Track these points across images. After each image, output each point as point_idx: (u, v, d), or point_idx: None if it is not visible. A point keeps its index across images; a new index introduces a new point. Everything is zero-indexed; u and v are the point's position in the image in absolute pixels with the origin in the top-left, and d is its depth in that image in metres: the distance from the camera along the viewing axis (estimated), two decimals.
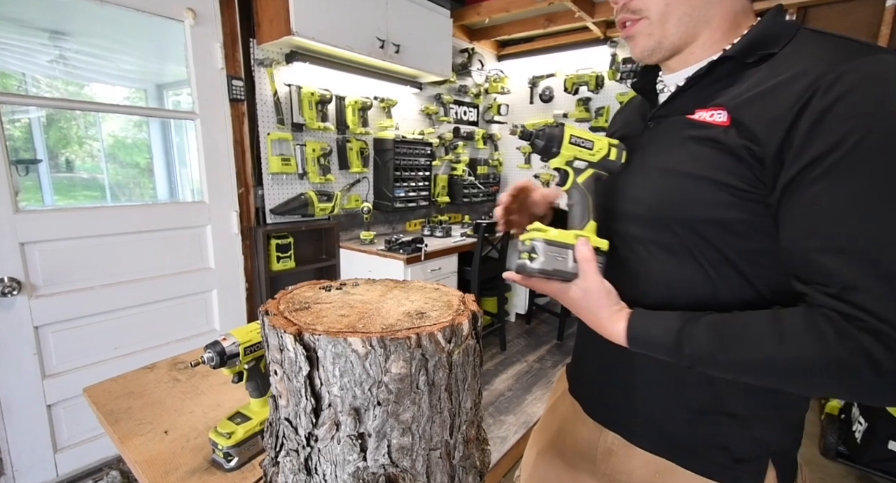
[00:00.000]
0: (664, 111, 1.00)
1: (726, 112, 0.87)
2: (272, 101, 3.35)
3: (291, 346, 0.70)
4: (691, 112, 0.93)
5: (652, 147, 1.00)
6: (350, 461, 0.72)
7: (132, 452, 1.25)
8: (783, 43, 0.86)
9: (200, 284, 3.15)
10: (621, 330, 0.91)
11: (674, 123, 0.97)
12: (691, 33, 0.94)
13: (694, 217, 0.90)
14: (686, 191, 0.90)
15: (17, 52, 3.10)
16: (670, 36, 0.94)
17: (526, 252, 0.95)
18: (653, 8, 0.92)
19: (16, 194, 2.34)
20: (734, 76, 0.90)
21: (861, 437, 2.94)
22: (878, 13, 3.46)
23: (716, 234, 0.89)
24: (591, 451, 1.20)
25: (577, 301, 0.96)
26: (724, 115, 0.87)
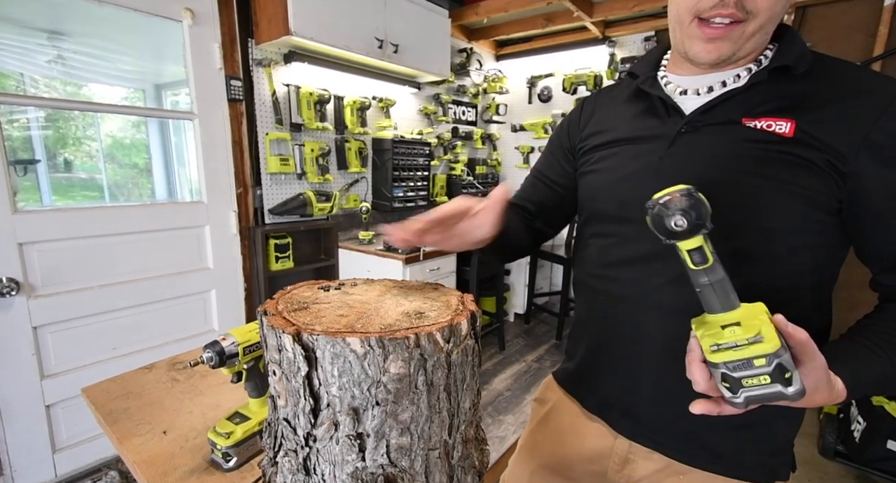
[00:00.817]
0: (703, 118, 0.96)
1: (790, 124, 0.86)
2: (270, 101, 3.35)
3: (290, 346, 0.70)
4: (738, 120, 0.91)
5: (699, 154, 0.95)
6: (349, 461, 0.72)
7: (131, 453, 1.25)
8: (811, 59, 0.90)
9: (199, 284, 3.15)
10: (842, 389, 0.81)
11: (723, 131, 0.93)
12: (762, 46, 0.94)
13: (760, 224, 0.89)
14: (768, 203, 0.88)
15: (15, 52, 3.10)
16: (747, 47, 0.91)
17: (771, 376, 0.69)
18: (763, 13, 0.87)
19: (14, 194, 2.34)
20: (783, 85, 0.90)
21: (860, 436, 2.94)
22: (876, 13, 3.47)
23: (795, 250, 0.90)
24: (602, 460, 1.17)
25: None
26: (787, 126, 0.86)
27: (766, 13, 0.86)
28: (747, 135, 0.90)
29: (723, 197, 0.87)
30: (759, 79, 0.90)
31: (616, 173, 1.09)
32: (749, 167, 0.89)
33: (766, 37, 0.91)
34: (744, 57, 0.93)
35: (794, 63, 0.88)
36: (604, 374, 1.17)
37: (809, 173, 0.84)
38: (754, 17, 0.87)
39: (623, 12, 4.26)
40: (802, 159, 0.85)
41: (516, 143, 5.71)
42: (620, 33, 4.68)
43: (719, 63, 0.94)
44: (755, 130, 0.89)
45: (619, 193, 1.07)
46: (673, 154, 0.98)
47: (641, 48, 4.57)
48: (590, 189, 1.17)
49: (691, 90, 1.00)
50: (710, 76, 0.97)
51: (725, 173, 0.91)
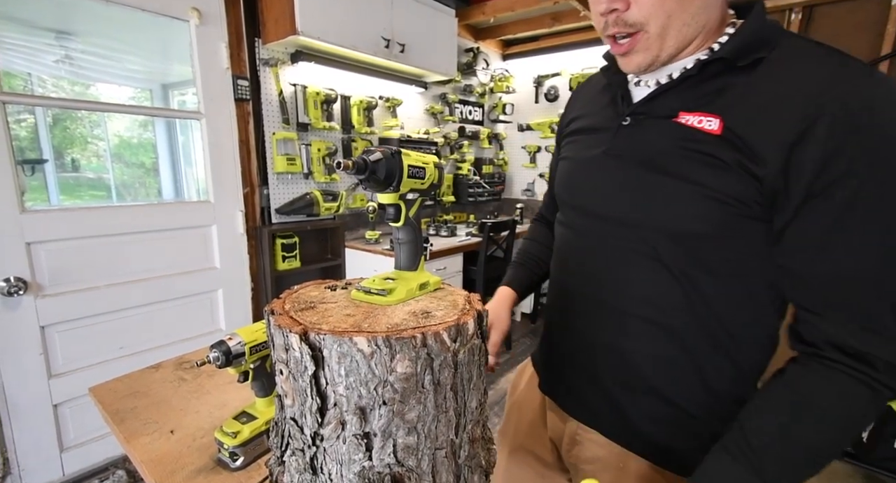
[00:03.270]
0: (644, 109, 0.97)
1: (718, 120, 0.85)
2: (277, 101, 3.35)
3: (297, 345, 0.70)
4: (675, 114, 0.91)
5: (633, 149, 0.97)
6: (356, 460, 0.72)
7: (138, 452, 1.26)
8: (771, 46, 0.84)
9: (206, 284, 3.16)
10: None
11: (657, 126, 0.94)
12: (690, 41, 0.90)
13: (676, 227, 0.90)
14: (672, 201, 0.90)
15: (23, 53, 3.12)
16: (668, 48, 0.90)
17: None
18: (653, 21, 0.86)
19: (22, 194, 2.35)
20: (723, 79, 0.88)
21: (867, 436, 2.92)
22: (885, 11, 3.45)
23: (693, 244, 0.90)
24: (558, 441, 1.23)
25: None
26: (716, 123, 0.85)
27: (659, 15, 0.85)
28: (679, 131, 0.89)
29: (645, 195, 0.93)
30: (691, 73, 0.90)
31: (574, 162, 1.14)
32: (674, 166, 0.89)
33: (690, 29, 0.88)
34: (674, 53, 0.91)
35: (731, 55, 0.85)
36: (555, 356, 1.23)
37: (729, 175, 0.83)
38: (646, 24, 0.86)
39: None
40: (721, 160, 0.84)
41: (523, 142, 5.70)
42: None
43: (647, 70, 0.95)
44: (686, 127, 0.88)
45: (573, 182, 1.13)
46: (614, 147, 1.01)
47: None
48: (558, 176, 1.22)
49: (643, 81, 1.00)
50: (663, 69, 0.96)
51: (651, 171, 0.93)
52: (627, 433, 1.06)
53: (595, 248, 1.05)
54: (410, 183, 0.90)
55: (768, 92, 0.81)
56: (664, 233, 0.92)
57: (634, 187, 0.95)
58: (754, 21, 0.87)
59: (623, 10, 0.86)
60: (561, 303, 1.20)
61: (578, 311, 1.11)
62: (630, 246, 0.97)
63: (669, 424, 1.02)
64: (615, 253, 1.01)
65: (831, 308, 0.80)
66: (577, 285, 1.12)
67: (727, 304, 0.92)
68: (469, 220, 5.24)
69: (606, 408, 1.08)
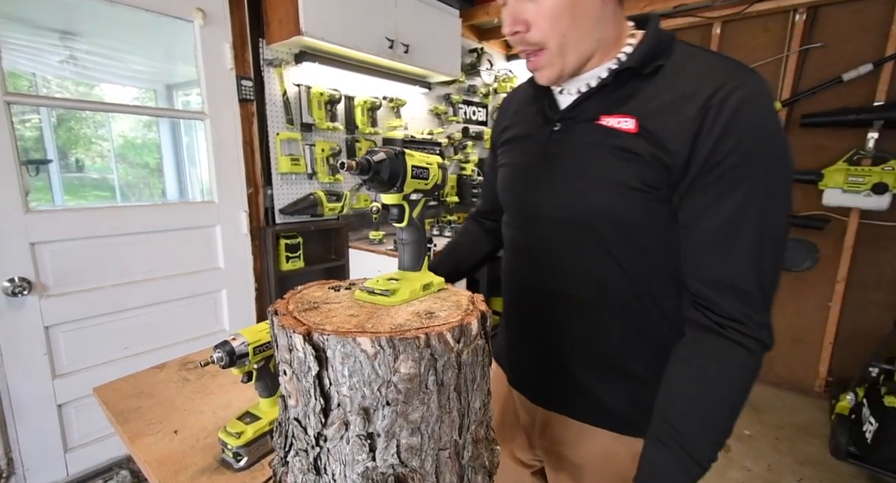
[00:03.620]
0: (571, 114, 1.09)
1: (634, 120, 0.97)
2: (281, 102, 3.35)
3: (301, 346, 0.70)
4: (597, 118, 1.03)
5: (565, 151, 1.09)
6: (359, 461, 0.72)
7: (142, 452, 1.26)
8: (667, 54, 0.98)
9: (210, 284, 3.16)
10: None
11: (584, 129, 1.05)
12: (590, 54, 1.02)
13: (612, 218, 1.02)
14: (610, 196, 1.00)
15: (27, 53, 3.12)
16: (571, 63, 1.02)
17: None
18: (551, 40, 0.98)
19: (26, 194, 2.35)
20: (633, 85, 1.00)
21: (871, 437, 2.92)
22: (889, 12, 3.45)
23: (629, 232, 1.02)
24: (530, 425, 1.32)
25: None
26: (632, 122, 0.97)
27: (555, 36, 0.98)
28: (602, 132, 1.01)
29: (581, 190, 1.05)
30: (606, 82, 1.02)
31: (513, 167, 1.25)
32: (601, 162, 1.01)
33: (589, 46, 1.01)
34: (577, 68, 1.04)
35: (636, 65, 0.98)
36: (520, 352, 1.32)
37: (647, 167, 0.95)
38: (546, 43, 0.99)
39: (634, 12, 4.24)
40: (639, 155, 0.95)
41: None
42: None
43: (557, 81, 1.08)
44: (608, 128, 1.00)
45: (515, 185, 1.23)
46: (548, 150, 1.12)
47: None
48: (500, 182, 1.31)
49: (566, 90, 1.11)
50: (580, 77, 1.08)
51: (583, 169, 1.05)
52: (599, 413, 1.15)
53: (545, 244, 1.15)
54: (414, 183, 0.91)
55: (670, 93, 0.94)
56: (603, 222, 1.03)
57: (571, 184, 1.07)
58: (652, 34, 1.01)
59: (525, 31, 0.99)
60: (520, 301, 1.29)
61: (538, 307, 1.20)
62: (576, 238, 1.08)
63: (635, 397, 1.12)
64: (564, 247, 1.11)
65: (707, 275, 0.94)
66: (533, 282, 1.21)
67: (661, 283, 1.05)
68: None
69: (579, 395, 1.17)
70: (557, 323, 1.16)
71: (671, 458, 0.93)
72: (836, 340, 3.96)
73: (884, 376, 3.17)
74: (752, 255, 0.90)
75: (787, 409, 3.91)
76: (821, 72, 3.78)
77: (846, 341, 3.92)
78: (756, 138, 0.88)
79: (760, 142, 0.88)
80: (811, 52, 3.81)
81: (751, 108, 0.88)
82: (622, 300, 1.06)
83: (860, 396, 3.22)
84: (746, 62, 0.93)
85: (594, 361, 1.13)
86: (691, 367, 0.95)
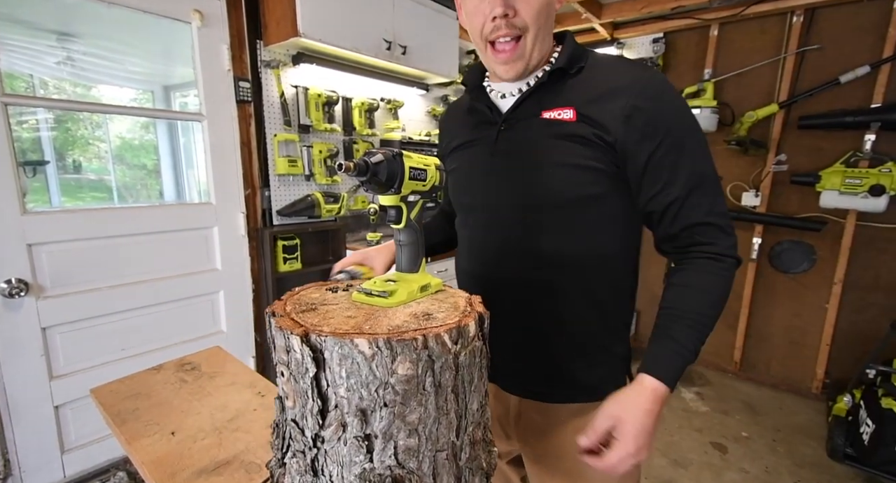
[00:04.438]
0: (513, 115, 1.23)
1: (572, 110, 1.13)
2: (279, 103, 3.35)
3: (298, 347, 0.70)
4: (538, 114, 1.17)
5: (514, 147, 1.22)
6: (356, 462, 0.72)
7: (139, 453, 1.26)
8: (586, 58, 1.19)
9: (207, 286, 3.16)
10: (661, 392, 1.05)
11: (529, 124, 1.20)
12: (543, 54, 1.20)
13: (571, 196, 1.15)
14: (561, 177, 1.14)
15: (25, 54, 3.12)
16: (534, 59, 1.18)
17: None
18: (531, 27, 1.12)
19: (23, 196, 2.35)
20: (563, 82, 1.17)
21: (869, 439, 2.93)
22: (886, 14, 3.46)
23: (588, 206, 1.16)
24: (504, 415, 1.41)
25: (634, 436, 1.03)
26: (571, 112, 1.13)
27: (535, 25, 1.12)
28: (545, 124, 1.16)
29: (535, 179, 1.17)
30: (543, 80, 1.18)
31: (464, 171, 1.36)
32: (548, 149, 1.15)
33: (546, 44, 1.19)
34: (536, 64, 1.20)
35: (566, 65, 1.16)
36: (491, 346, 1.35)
37: (590, 147, 1.11)
38: (527, 31, 1.13)
39: (632, 14, 4.26)
40: (583, 137, 1.11)
41: None
42: (629, 35, 4.67)
43: (519, 77, 1.20)
44: (550, 120, 1.15)
45: (470, 187, 1.34)
46: (497, 149, 1.25)
47: (650, 50, 4.54)
48: (452, 187, 1.42)
49: (507, 93, 1.26)
50: (517, 83, 1.23)
51: (534, 159, 1.18)
52: (574, 390, 1.27)
53: (506, 233, 1.25)
54: (412, 185, 0.91)
55: (599, 85, 1.13)
56: (560, 202, 1.16)
57: (525, 173, 1.19)
58: (569, 44, 1.21)
59: (513, 16, 1.11)
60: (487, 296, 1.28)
61: (507, 297, 1.27)
62: (536, 223, 1.20)
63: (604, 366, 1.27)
64: (525, 233, 1.22)
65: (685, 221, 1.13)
66: (497, 273, 1.29)
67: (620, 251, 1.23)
68: None
69: (558, 379, 1.27)
70: (530, 310, 1.25)
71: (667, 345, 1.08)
72: (834, 342, 3.97)
73: (881, 378, 3.17)
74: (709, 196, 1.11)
75: (785, 411, 3.91)
76: (818, 74, 3.79)
77: (843, 343, 3.93)
78: (676, 111, 1.11)
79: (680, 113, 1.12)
80: (808, 54, 3.82)
81: (665, 91, 1.11)
82: (585, 278, 1.20)
83: (857, 398, 3.23)
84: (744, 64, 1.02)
85: (570, 343, 1.24)
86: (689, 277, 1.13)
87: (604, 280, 1.22)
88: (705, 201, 1.11)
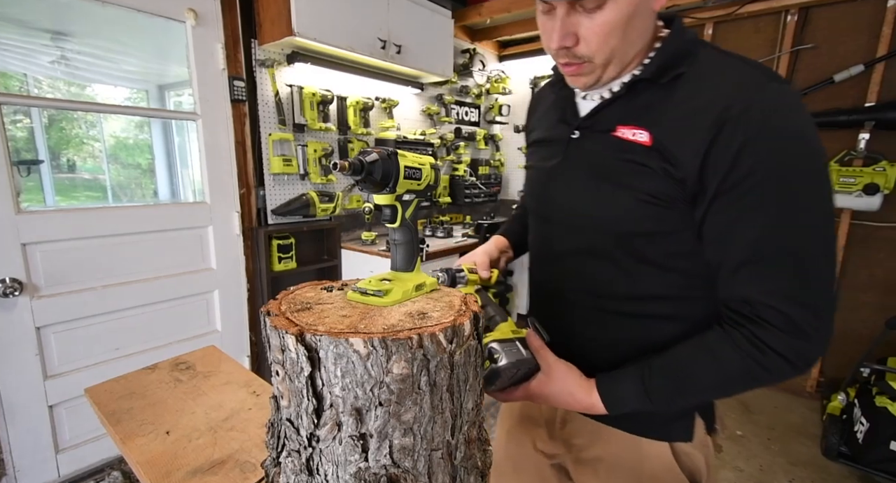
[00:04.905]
0: (588, 123, 1.09)
1: (647, 133, 0.96)
2: (273, 102, 3.35)
3: (293, 346, 0.70)
4: (613, 128, 1.02)
5: (581, 161, 1.10)
6: (352, 462, 0.72)
7: (134, 453, 1.25)
8: (689, 61, 0.96)
9: (202, 285, 3.16)
10: (597, 401, 1.02)
11: (600, 139, 1.06)
12: (627, 64, 1.02)
13: (622, 229, 1.03)
14: (617, 205, 1.01)
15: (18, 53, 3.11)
16: (610, 72, 1.01)
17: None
18: (598, 56, 0.96)
19: (17, 195, 2.34)
20: (650, 94, 0.99)
21: (863, 437, 2.93)
22: (880, 13, 3.47)
23: (638, 243, 1.03)
24: (552, 419, 1.33)
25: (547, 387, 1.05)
26: (646, 135, 0.96)
27: (602, 53, 0.95)
28: (617, 144, 1.01)
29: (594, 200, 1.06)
30: (620, 94, 1.03)
31: (535, 171, 1.28)
32: (614, 175, 1.02)
33: (628, 56, 0.99)
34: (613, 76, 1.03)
35: (652, 76, 0.97)
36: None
37: (657, 180, 0.95)
38: (593, 57, 0.97)
39: None
40: (652, 168, 0.95)
41: (519, 143, 5.69)
42: None
43: (591, 88, 1.06)
44: (622, 140, 1.00)
45: (535, 190, 1.27)
46: (565, 158, 1.14)
47: None
48: (525, 184, 1.36)
49: (589, 96, 1.12)
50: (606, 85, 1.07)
51: (597, 179, 1.05)
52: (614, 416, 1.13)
53: (556, 247, 1.19)
54: (407, 184, 0.90)
55: (685, 106, 0.93)
56: (611, 234, 1.05)
57: (584, 194, 1.08)
58: (672, 41, 1.00)
59: (573, 46, 0.96)
60: (537, 298, 1.33)
61: (552, 307, 1.24)
62: (584, 244, 1.11)
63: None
64: (573, 251, 1.14)
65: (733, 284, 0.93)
66: (547, 282, 1.26)
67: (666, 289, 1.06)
68: (465, 221, 5.23)
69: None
70: (569, 323, 1.19)
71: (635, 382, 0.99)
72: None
73: (875, 376, 3.19)
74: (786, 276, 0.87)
75: (779, 410, 3.92)
76: (812, 73, 3.80)
77: (837, 342, 3.93)
78: (779, 151, 0.85)
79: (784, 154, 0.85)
80: (803, 53, 3.83)
81: (774, 120, 0.85)
82: (628, 305, 1.08)
83: (851, 397, 3.24)
84: None
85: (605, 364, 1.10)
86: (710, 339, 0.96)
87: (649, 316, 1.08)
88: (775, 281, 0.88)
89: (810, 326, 0.86)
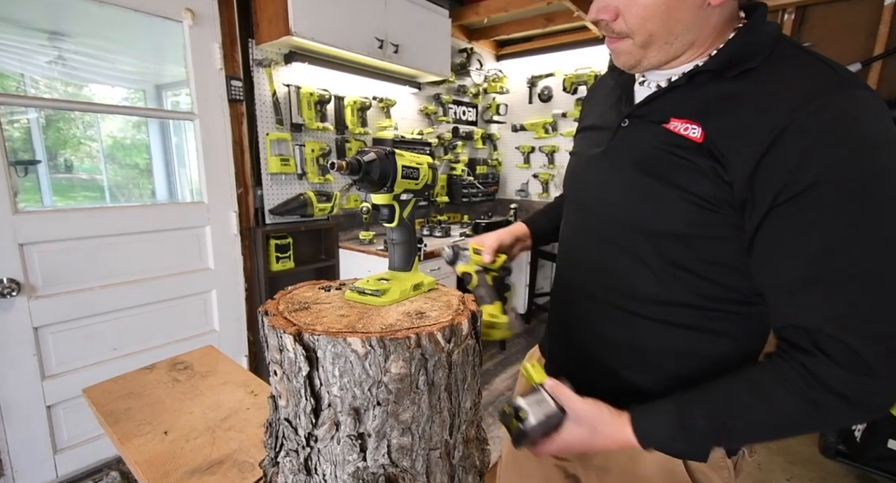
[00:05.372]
0: (641, 111, 1.02)
1: (700, 128, 0.88)
2: (271, 102, 3.34)
3: (291, 346, 0.70)
4: (666, 120, 0.95)
5: (627, 150, 1.02)
6: (350, 461, 0.72)
7: (132, 453, 1.26)
8: (762, 56, 0.87)
9: (200, 285, 3.15)
10: (630, 436, 0.93)
11: (650, 130, 0.98)
12: (673, 55, 0.94)
13: (659, 228, 0.96)
14: (657, 202, 0.94)
15: (15, 53, 3.10)
16: (651, 58, 0.95)
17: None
18: (636, 35, 0.91)
19: (15, 195, 2.34)
20: (712, 87, 0.91)
21: (861, 435, 2.94)
22: (877, 12, 3.46)
23: (668, 244, 0.96)
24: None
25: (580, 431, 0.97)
26: (699, 131, 0.89)
27: (642, 32, 0.90)
28: (667, 137, 0.93)
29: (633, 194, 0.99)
30: (679, 83, 0.95)
31: (578, 158, 1.23)
32: (660, 169, 0.94)
33: (674, 48, 0.93)
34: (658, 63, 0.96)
35: (717, 68, 0.89)
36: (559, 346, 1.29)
37: (704, 180, 0.88)
38: (633, 34, 0.92)
39: None
40: (700, 167, 0.88)
41: (517, 142, 5.69)
42: None
43: (633, 69, 1.00)
44: (674, 133, 0.92)
45: (574, 177, 1.23)
46: (611, 147, 1.06)
47: None
48: (566, 170, 1.30)
49: (648, 82, 1.05)
50: (665, 71, 1.00)
51: (640, 173, 0.98)
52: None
53: (587, 243, 1.13)
54: (404, 183, 0.90)
55: (748, 105, 0.85)
56: (646, 231, 0.98)
57: (624, 187, 1.01)
58: (745, 34, 0.90)
59: (611, 20, 0.92)
60: (562, 294, 1.28)
61: (573, 302, 1.19)
62: (615, 240, 1.04)
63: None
64: (603, 247, 1.08)
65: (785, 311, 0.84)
66: (570, 276, 1.21)
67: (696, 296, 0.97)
68: (463, 220, 5.22)
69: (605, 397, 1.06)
70: (591, 322, 1.14)
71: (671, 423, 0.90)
72: None
73: None
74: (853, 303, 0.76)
75: None
76: None
77: None
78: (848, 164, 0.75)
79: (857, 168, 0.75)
80: None
81: (845, 128, 0.75)
82: (654, 309, 1.01)
83: None
84: None
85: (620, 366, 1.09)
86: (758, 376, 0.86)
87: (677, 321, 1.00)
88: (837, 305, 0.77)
89: (878, 361, 0.74)
